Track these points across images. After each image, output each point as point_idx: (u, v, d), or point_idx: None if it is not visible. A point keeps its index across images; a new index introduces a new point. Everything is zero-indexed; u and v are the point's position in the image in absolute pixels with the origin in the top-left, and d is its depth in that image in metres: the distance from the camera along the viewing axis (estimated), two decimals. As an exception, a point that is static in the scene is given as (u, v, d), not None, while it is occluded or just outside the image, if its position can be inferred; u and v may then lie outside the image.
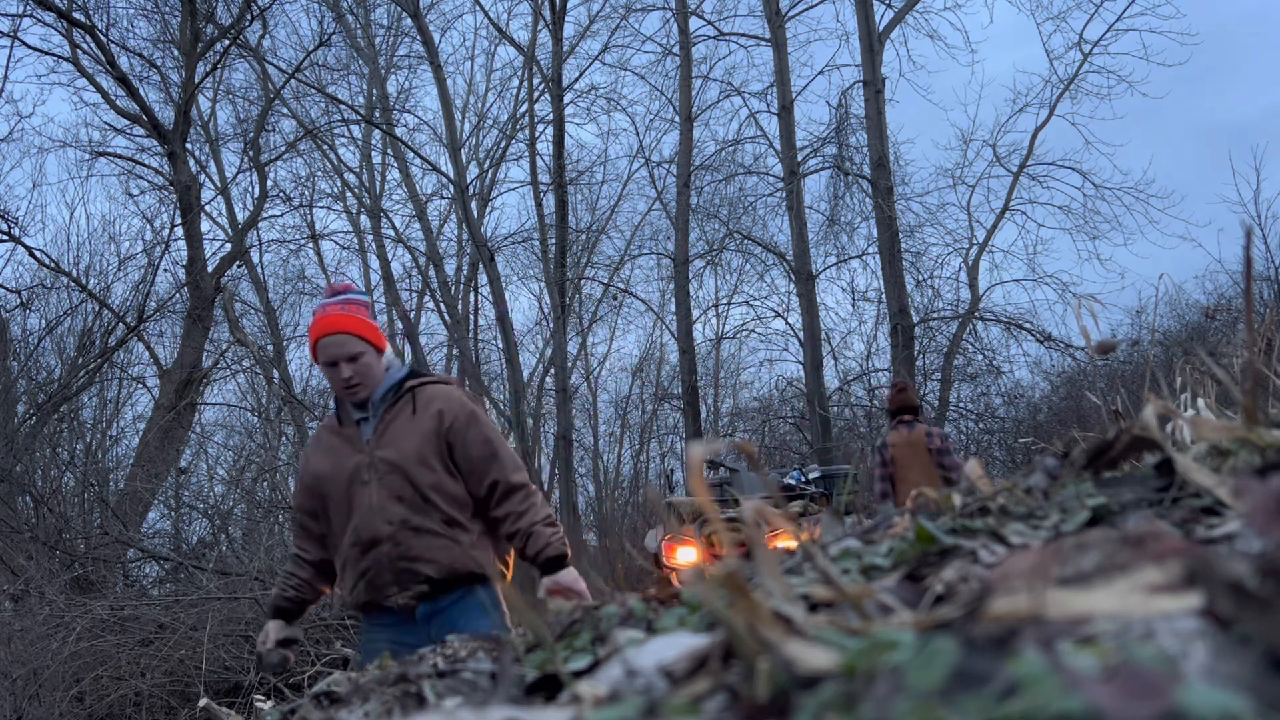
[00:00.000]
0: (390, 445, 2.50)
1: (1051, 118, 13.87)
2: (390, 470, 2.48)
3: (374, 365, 2.54)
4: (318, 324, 2.53)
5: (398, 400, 2.56)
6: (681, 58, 13.52)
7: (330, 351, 2.50)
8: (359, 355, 2.51)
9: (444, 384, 2.64)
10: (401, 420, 2.53)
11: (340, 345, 2.50)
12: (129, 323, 11.46)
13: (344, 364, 2.50)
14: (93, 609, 6.15)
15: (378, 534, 2.45)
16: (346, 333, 2.51)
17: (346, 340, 2.50)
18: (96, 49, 11.62)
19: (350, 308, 2.55)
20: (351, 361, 2.50)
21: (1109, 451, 0.76)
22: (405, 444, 2.48)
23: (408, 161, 15.22)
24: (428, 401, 2.54)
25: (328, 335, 2.51)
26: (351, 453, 2.55)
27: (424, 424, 2.51)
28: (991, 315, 13.55)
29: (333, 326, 2.51)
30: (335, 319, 2.52)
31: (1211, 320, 11.99)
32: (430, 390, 2.58)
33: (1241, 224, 1.36)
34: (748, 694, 0.40)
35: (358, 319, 2.54)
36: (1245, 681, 0.34)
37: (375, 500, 2.47)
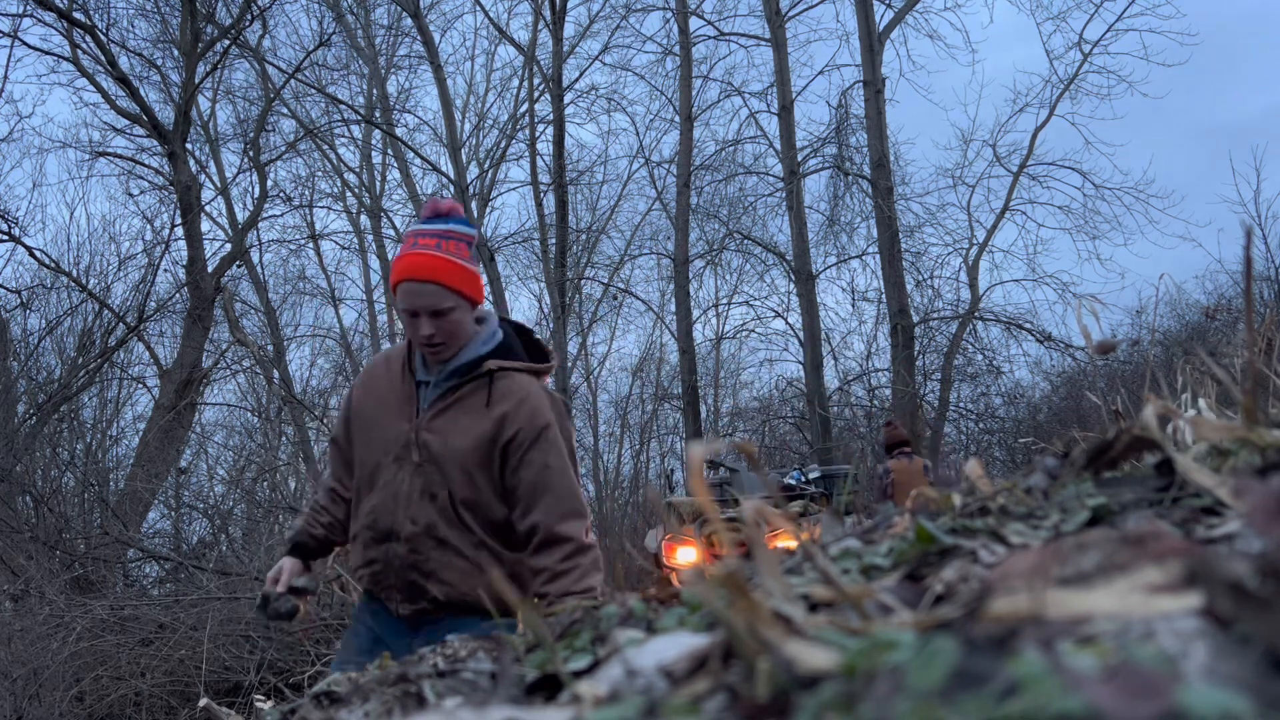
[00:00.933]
0: (441, 433, 2.07)
1: (1051, 118, 13.88)
2: (430, 461, 2.06)
3: (464, 323, 2.06)
4: (404, 262, 2.03)
5: (469, 381, 2.08)
6: (681, 58, 13.52)
7: (412, 300, 2.01)
8: (448, 311, 2.02)
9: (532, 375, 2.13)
10: (463, 408, 2.07)
11: (426, 296, 2.00)
12: (129, 323, 11.46)
13: (426, 318, 2.01)
14: (93, 609, 6.15)
15: (397, 529, 2.08)
16: (437, 283, 2.00)
17: (436, 292, 2.00)
18: (96, 49, 11.63)
19: (449, 246, 2.04)
20: (437, 317, 2.02)
21: (1109, 451, 0.76)
22: (456, 440, 2.05)
23: (408, 161, 15.23)
24: (501, 397, 2.06)
25: (413, 280, 2.01)
26: (399, 415, 2.11)
27: (484, 424, 2.05)
28: (991, 315, 13.56)
29: (422, 271, 2.00)
30: (427, 261, 2.01)
31: (1211, 320, 11.99)
32: (510, 383, 2.08)
33: (1241, 224, 1.36)
34: (748, 694, 0.40)
35: (455, 265, 2.03)
36: (1245, 681, 0.34)
37: (405, 489, 2.07)
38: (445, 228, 2.06)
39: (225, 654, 5.91)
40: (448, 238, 2.04)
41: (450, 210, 2.10)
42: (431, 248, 2.02)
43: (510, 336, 2.16)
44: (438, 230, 2.05)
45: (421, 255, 2.01)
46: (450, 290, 2.01)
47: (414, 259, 2.01)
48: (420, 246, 2.02)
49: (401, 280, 2.02)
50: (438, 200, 2.13)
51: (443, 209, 2.10)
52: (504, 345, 2.12)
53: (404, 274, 2.02)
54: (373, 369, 2.25)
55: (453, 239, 2.04)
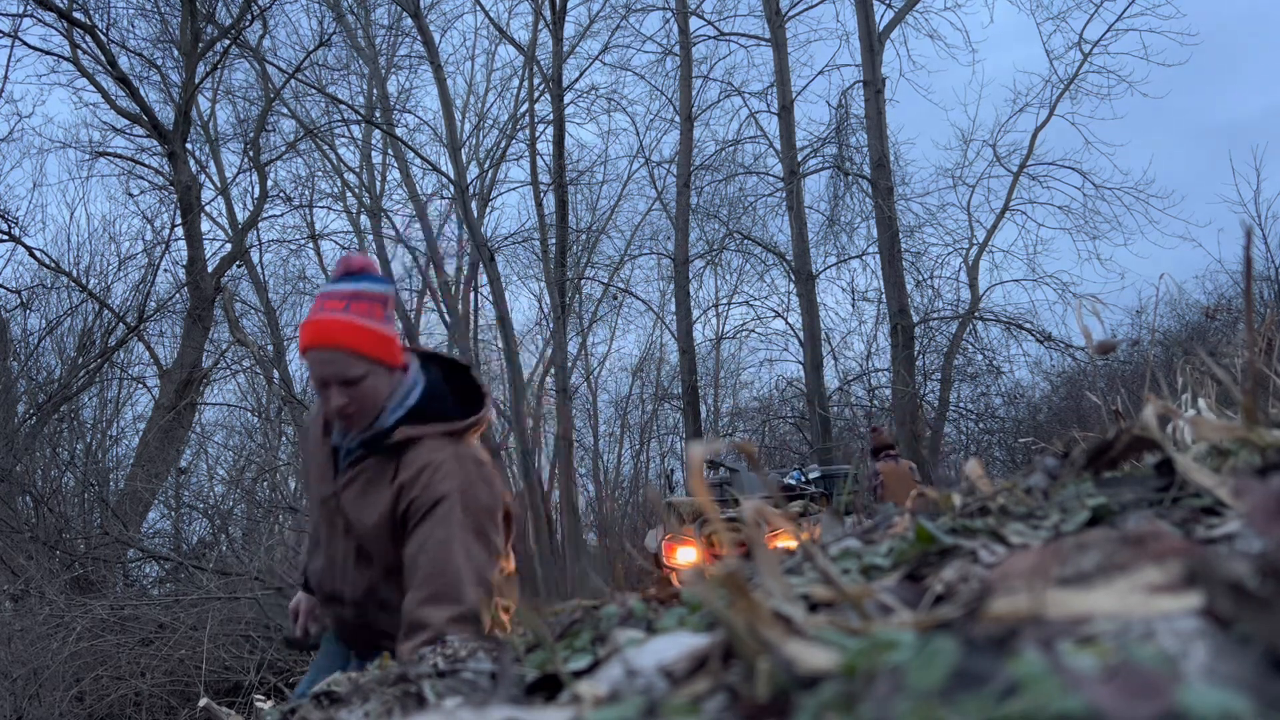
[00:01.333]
0: (354, 505, 1.93)
1: (1051, 118, 13.87)
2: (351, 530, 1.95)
3: (378, 390, 1.88)
4: (309, 328, 1.86)
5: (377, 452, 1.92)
6: (681, 58, 13.52)
7: (320, 370, 1.85)
8: (359, 379, 1.85)
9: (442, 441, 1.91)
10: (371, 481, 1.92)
11: (334, 364, 1.84)
12: (129, 323, 11.46)
13: (336, 388, 1.84)
14: (93, 609, 6.15)
15: (340, 594, 1.99)
16: (344, 350, 1.83)
17: (344, 359, 1.83)
18: (96, 49, 11.63)
19: (359, 307, 1.86)
20: (348, 385, 1.84)
21: (1109, 451, 0.76)
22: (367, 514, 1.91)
23: (408, 161, 15.23)
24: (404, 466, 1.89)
25: (318, 348, 1.84)
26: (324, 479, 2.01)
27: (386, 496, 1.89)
28: (991, 315, 13.55)
29: (327, 337, 1.84)
30: (332, 326, 1.84)
31: (1212, 320, 12.00)
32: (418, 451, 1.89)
33: (1241, 224, 1.36)
34: (748, 694, 0.40)
35: (364, 329, 1.85)
36: (1245, 681, 0.34)
37: (340, 555, 1.98)
38: (355, 288, 1.88)
39: (225, 654, 5.91)
40: (358, 299, 1.86)
41: (363, 268, 1.92)
42: (339, 310, 1.85)
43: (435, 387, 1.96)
44: (346, 291, 1.87)
45: (327, 320, 1.84)
46: (360, 356, 1.84)
47: (319, 325, 1.84)
48: (326, 310, 1.85)
49: (307, 348, 1.85)
50: (350, 257, 1.94)
51: (354, 267, 1.92)
52: (419, 407, 1.92)
53: (309, 341, 1.85)
54: (307, 427, 2.14)
55: (363, 299, 1.87)
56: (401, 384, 1.93)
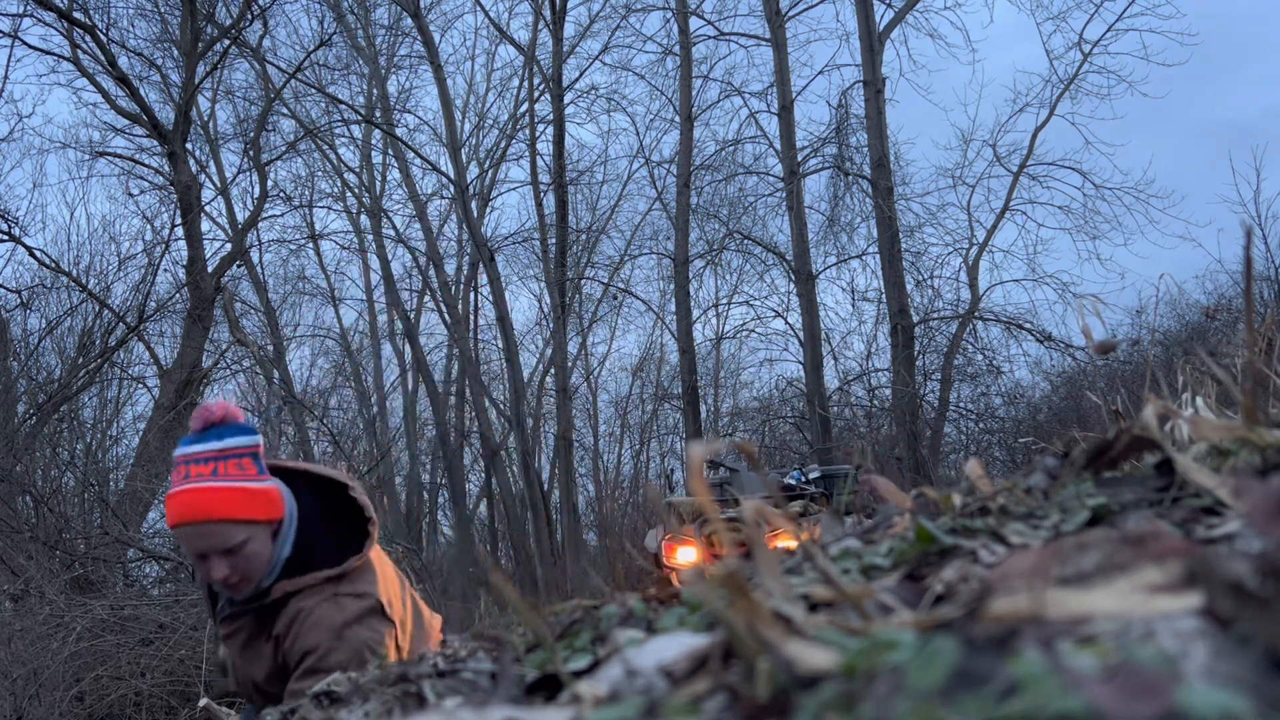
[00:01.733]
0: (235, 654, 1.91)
1: (1051, 118, 13.86)
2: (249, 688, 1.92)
3: (261, 552, 1.76)
4: (177, 502, 1.71)
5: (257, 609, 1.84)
6: (681, 58, 13.52)
7: (196, 544, 1.72)
8: (241, 546, 1.73)
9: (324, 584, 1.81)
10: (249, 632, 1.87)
11: (211, 538, 1.71)
12: (129, 323, 11.46)
13: (217, 559, 1.73)
14: (93, 609, 6.15)
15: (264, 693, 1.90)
16: (219, 520, 1.70)
17: (222, 531, 1.71)
18: (96, 49, 11.63)
19: (228, 469, 1.72)
20: (230, 555, 1.73)
21: (1109, 451, 0.76)
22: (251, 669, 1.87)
23: (408, 161, 15.23)
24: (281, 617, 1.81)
25: (191, 524, 1.70)
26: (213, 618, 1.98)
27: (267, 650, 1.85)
28: (991, 315, 13.55)
29: (199, 511, 1.70)
30: (202, 499, 1.70)
31: (1212, 320, 12.00)
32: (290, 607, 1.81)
33: (1241, 224, 1.37)
34: (748, 694, 0.40)
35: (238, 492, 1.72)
36: (1245, 681, 0.34)
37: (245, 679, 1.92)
38: (220, 446, 1.74)
39: (225, 654, 5.91)
40: (224, 458, 1.73)
41: (223, 418, 1.76)
42: (207, 476, 1.71)
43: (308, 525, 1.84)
44: (211, 452, 1.73)
45: (195, 490, 1.70)
46: (237, 523, 1.71)
47: (187, 496, 1.70)
48: (193, 479, 1.71)
49: (178, 524, 1.72)
50: (208, 407, 1.78)
51: (215, 418, 1.75)
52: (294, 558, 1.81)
53: (179, 517, 1.71)
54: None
55: (230, 457, 1.73)
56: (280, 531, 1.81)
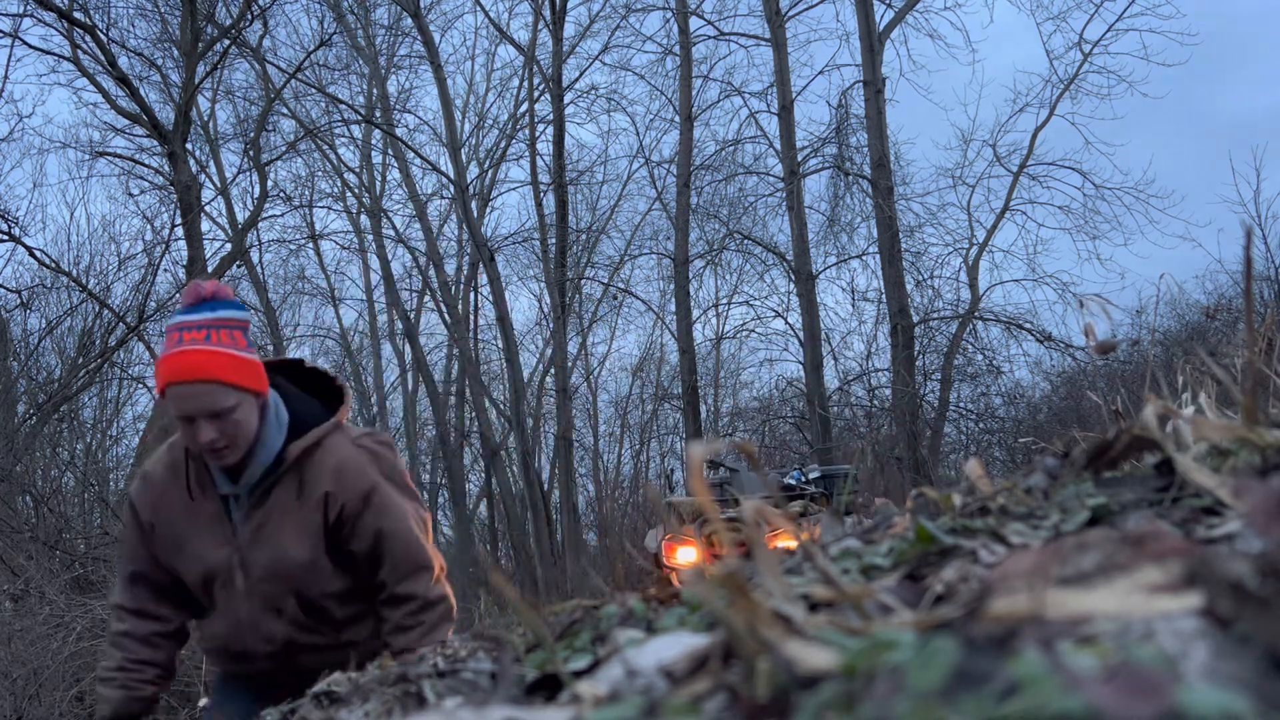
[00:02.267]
0: (267, 543, 1.86)
1: (1051, 118, 13.85)
2: (267, 578, 1.87)
3: (250, 420, 1.80)
4: (170, 363, 1.74)
5: (279, 478, 1.86)
6: (681, 58, 13.52)
7: (185, 405, 1.74)
8: (229, 411, 1.76)
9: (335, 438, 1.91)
10: (282, 509, 1.87)
11: (201, 398, 1.73)
12: (129, 323, 11.45)
13: (204, 422, 1.75)
14: (93, 609, 6.15)
15: (253, 651, 1.92)
16: (213, 381, 1.73)
17: (213, 391, 1.74)
18: (97, 49, 11.62)
19: (221, 336, 1.76)
20: (217, 419, 1.75)
21: (1109, 451, 0.76)
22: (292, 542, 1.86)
23: (408, 161, 15.23)
24: (316, 478, 1.86)
25: (182, 382, 1.73)
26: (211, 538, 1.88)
27: (308, 514, 1.86)
28: (991, 315, 13.54)
29: (192, 370, 1.73)
30: (196, 359, 1.73)
31: (1212, 320, 11.99)
32: (319, 458, 1.87)
33: (1241, 224, 1.37)
34: (748, 694, 0.40)
35: (231, 357, 1.76)
36: (1245, 681, 0.34)
37: (246, 614, 1.89)
38: (214, 316, 1.77)
39: (225, 654, 5.91)
40: (218, 327, 1.76)
41: (215, 293, 1.80)
42: (200, 341, 1.74)
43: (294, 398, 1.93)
44: (205, 320, 1.76)
45: (189, 352, 1.73)
46: (229, 386, 1.75)
47: (181, 358, 1.73)
48: (187, 343, 1.74)
49: (170, 384, 1.74)
50: (199, 284, 1.82)
51: (206, 293, 1.80)
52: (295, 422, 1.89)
53: (172, 376, 1.73)
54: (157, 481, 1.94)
55: (224, 328, 1.77)
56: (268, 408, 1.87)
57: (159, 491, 1.93)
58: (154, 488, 1.94)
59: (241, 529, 1.88)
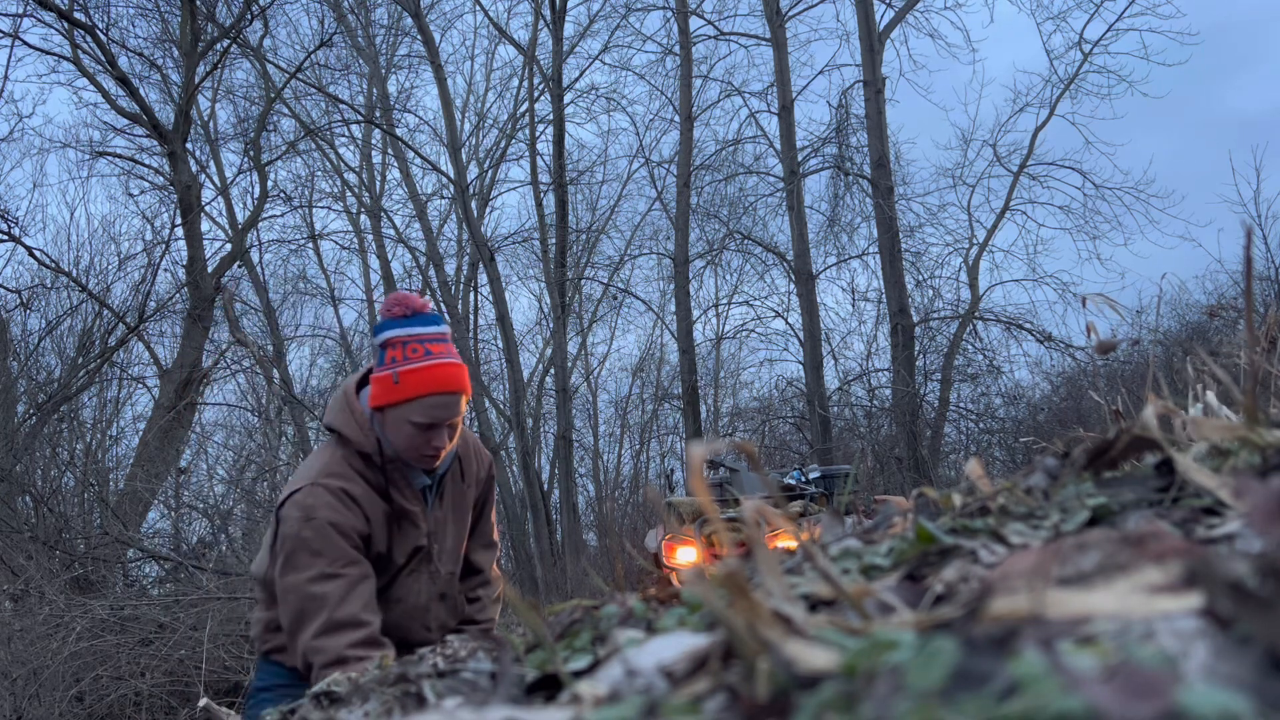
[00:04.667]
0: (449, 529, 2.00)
1: (1052, 117, 13.84)
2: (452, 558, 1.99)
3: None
4: (434, 373, 1.85)
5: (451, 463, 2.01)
6: (681, 57, 13.51)
7: (439, 414, 1.86)
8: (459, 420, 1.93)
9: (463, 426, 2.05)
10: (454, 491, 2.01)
11: (453, 408, 1.88)
12: (129, 323, 11.45)
13: (444, 429, 1.89)
14: (93, 609, 6.15)
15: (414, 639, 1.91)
16: (463, 393, 1.89)
17: (459, 403, 1.89)
18: (97, 49, 11.63)
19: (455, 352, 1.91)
20: (451, 428, 1.90)
21: (1109, 451, 0.76)
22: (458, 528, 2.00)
23: (408, 161, 15.22)
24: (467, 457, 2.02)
25: (447, 393, 1.86)
26: (415, 534, 1.95)
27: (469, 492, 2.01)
28: (991, 315, 13.54)
29: (455, 383, 1.86)
30: (456, 373, 1.87)
31: (1213, 319, 11.99)
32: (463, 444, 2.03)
33: (1241, 224, 1.37)
34: (748, 694, 0.40)
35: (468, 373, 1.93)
36: (1245, 681, 0.34)
37: (424, 599, 1.97)
38: (442, 330, 1.90)
39: (225, 654, 5.91)
40: (447, 341, 1.90)
41: (429, 309, 1.92)
42: (450, 355, 1.88)
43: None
44: (442, 334, 1.89)
45: (451, 365, 1.86)
46: (466, 401, 1.92)
47: (445, 370, 1.85)
48: (439, 355, 1.86)
49: (434, 393, 1.84)
50: (408, 296, 1.92)
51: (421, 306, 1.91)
52: None
53: (438, 386, 1.84)
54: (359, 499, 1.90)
55: (452, 342, 1.92)
56: None
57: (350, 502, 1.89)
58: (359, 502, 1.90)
59: (431, 516, 1.97)
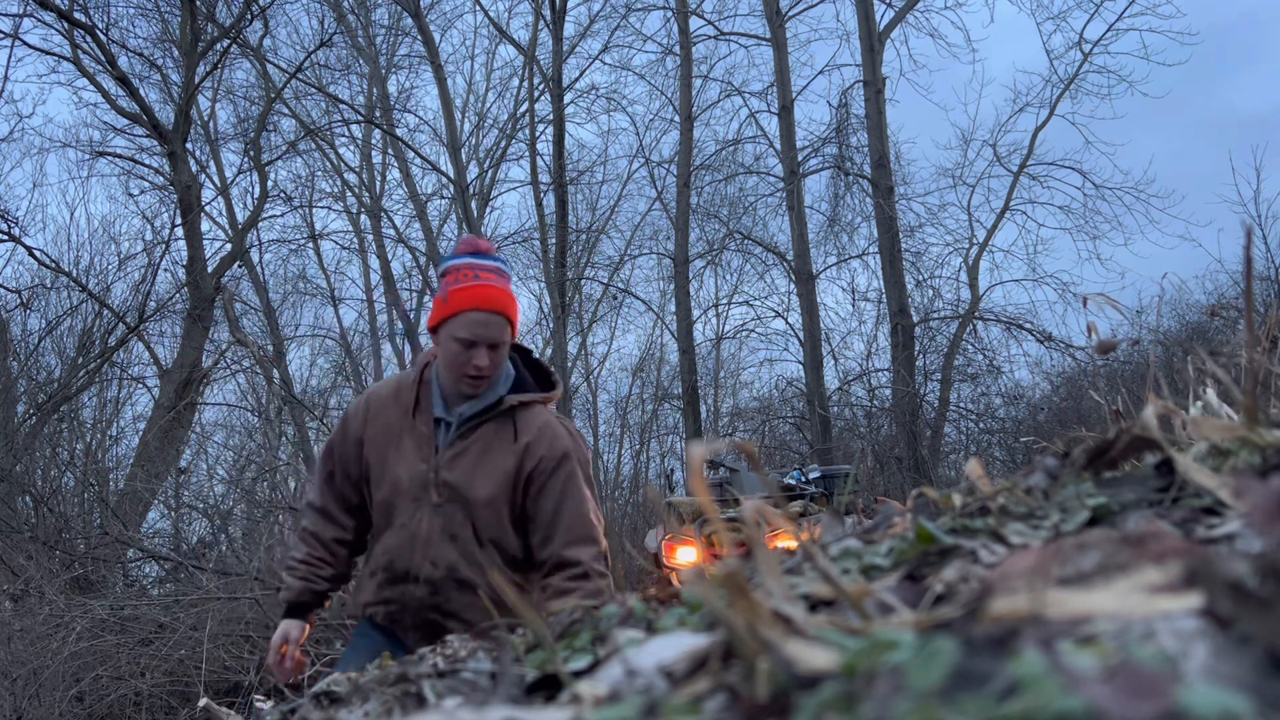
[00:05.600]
0: (463, 470, 2.05)
1: (1052, 117, 13.85)
2: (453, 500, 2.05)
3: (505, 359, 2.09)
4: (474, 291, 2.00)
5: (492, 418, 2.09)
6: (681, 57, 13.51)
7: (479, 330, 1.99)
8: (502, 345, 2.03)
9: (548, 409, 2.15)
10: (487, 446, 2.07)
11: (494, 327, 2.00)
12: (129, 323, 11.45)
13: (484, 349, 2.01)
14: (93, 609, 6.15)
15: (415, 571, 2.05)
16: (506, 315, 2.02)
17: (502, 324, 2.01)
18: (97, 49, 11.62)
19: (506, 282, 2.05)
20: (493, 349, 2.02)
21: (1109, 451, 0.76)
22: (483, 478, 2.04)
23: (408, 161, 15.22)
24: (524, 428, 2.08)
25: (485, 310, 1.99)
26: (415, 454, 2.08)
27: (509, 459, 2.05)
28: (991, 315, 13.54)
29: (495, 302, 2.00)
30: (498, 294, 2.01)
31: (1213, 319, 11.99)
32: (530, 415, 2.10)
33: (1241, 224, 1.37)
34: (748, 694, 0.40)
35: (515, 300, 2.06)
36: (1245, 681, 0.34)
37: (425, 530, 2.05)
38: (498, 264, 2.05)
39: (225, 654, 5.91)
40: (502, 275, 2.04)
41: (493, 250, 2.08)
42: (497, 280, 2.02)
43: (519, 366, 2.19)
44: (496, 266, 2.03)
45: (492, 287, 2.00)
46: (511, 324, 2.05)
47: (486, 290, 2.00)
48: (486, 279, 2.00)
49: (472, 308, 1.99)
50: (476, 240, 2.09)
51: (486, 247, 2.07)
52: (519, 379, 2.15)
53: (475, 303, 1.99)
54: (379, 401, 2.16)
55: (505, 278, 2.05)
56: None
57: (378, 409, 2.13)
58: (374, 405, 2.15)
59: (443, 451, 2.07)
